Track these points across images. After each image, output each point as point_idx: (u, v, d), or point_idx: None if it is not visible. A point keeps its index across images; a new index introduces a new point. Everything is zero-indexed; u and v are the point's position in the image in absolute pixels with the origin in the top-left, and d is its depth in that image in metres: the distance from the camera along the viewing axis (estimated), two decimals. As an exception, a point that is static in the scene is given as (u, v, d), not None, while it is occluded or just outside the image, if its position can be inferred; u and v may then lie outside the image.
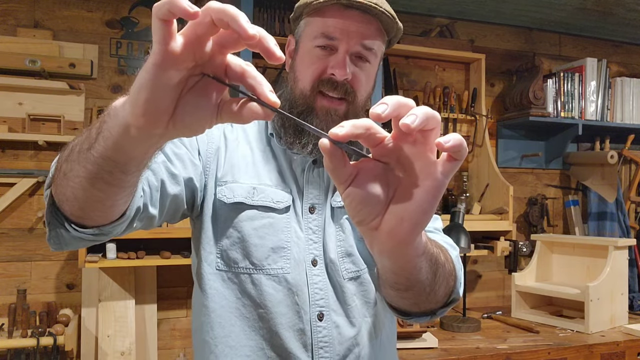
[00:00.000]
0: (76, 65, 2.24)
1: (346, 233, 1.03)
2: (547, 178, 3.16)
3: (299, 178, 1.04)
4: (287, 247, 1.00)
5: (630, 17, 2.93)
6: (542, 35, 3.17)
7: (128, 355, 2.12)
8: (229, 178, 1.01)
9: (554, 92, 2.92)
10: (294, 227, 1.01)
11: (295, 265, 1.00)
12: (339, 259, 1.02)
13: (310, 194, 1.04)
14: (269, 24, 2.36)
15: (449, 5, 2.77)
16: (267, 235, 0.99)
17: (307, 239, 1.02)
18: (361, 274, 1.04)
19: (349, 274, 1.03)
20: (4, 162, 2.21)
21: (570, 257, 2.62)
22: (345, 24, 0.94)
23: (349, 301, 1.02)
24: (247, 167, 1.03)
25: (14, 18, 2.24)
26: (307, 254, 1.01)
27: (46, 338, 1.95)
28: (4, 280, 2.20)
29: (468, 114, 2.82)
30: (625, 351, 2.20)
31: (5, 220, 2.21)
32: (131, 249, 2.07)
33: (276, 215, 1.00)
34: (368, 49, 0.96)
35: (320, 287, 1.01)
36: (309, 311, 1.00)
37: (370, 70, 0.99)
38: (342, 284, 1.02)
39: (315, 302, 1.00)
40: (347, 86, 0.95)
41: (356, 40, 0.95)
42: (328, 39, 0.95)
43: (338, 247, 1.02)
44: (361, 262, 1.03)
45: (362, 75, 0.97)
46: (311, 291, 1.00)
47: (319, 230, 1.03)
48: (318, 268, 1.02)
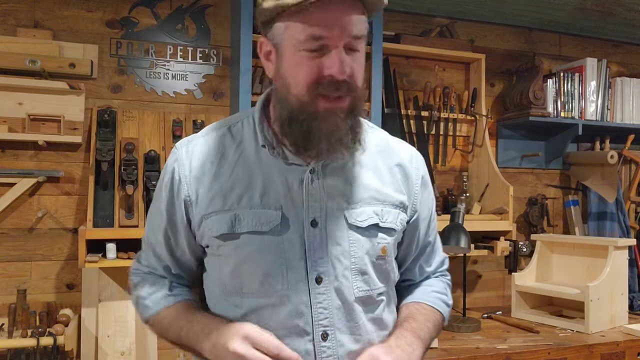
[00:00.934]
0: (76, 65, 2.24)
1: (361, 252, 0.99)
2: (547, 178, 3.16)
3: (296, 191, 0.97)
4: (281, 270, 0.95)
5: (630, 17, 2.93)
6: (542, 35, 3.17)
7: (128, 355, 2.12)
8: (210, 210, 0.98)
9: (554, 92, 2.92)
10: (286, 246, 0.95)
11: (294, 286, 0.95)
12: (352, 277, 0.98)
13: (312, 207, 0.97)
14: (269, 24, 2.36)
15: (449, 5, 2.77)
16: (258, 260, 0.95)
17: (306, 258, 0.96)
18: (372, 294, 1.01)
19: (359, 292, 0.99)
20: (4, 162, 2.21)
21: (570, 257, 2.62)
22: (331, 19, 0.87)
23: (356, 319, 0.99)
24: (229, 192, 0.97)
25: (14, 18, 2.24)
26: (311, 272, 0.96)
27: (46, 338, 1.95)
28: (4, 280, 2.20)
29: (468, 114, 2.82)
30: (625, 351, 2.20)
31: (5, 220, 2.21)
32: (131, 248, 2.07)
33: (265, 237, 0.95)
34: (357, 37, 0.90)
35: (325, 306, 0.96)
36: (312, 332, 0.96)
37: (360, 57, 0.93)
38: (351, 302, 0.98)
39: (318, 322, 0.96)
40: (350, 82, 0.90)
41: (346, 33, 0.88)
42: (316, 40, 0.88)
43: (352, 265, 0.98)
44: (375, 281, 1.01)
45: (355, 65, 0.91)
46: (314, 311, 0.96)
47: (323, 245, 0.97)
48: (323, 286, 0.96)
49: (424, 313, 1.11)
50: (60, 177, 2.27)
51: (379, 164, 1.05)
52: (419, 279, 1.19)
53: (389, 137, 1.12)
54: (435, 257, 1.20)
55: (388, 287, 1.07)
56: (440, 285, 1.19)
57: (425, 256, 1.18)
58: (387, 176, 1.05)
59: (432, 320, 1.11)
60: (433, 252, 1.20)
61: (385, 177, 1.04)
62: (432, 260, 1.20)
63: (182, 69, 2.47)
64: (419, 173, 1.11)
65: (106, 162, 2.09)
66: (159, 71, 2.44)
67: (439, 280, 1.20)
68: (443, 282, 1.20)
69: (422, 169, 1.12)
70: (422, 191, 1.11)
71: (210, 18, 2.52)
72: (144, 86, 2.42)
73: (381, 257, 1.01)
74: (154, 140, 2.28)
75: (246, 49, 2.27)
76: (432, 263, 1.20)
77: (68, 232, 2.29)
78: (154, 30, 2.43)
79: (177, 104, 2.46)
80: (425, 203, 1.12)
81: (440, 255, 1.22)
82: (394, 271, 1.08)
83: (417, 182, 1.10)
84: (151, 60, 2.43)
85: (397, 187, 1.05)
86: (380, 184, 1.03)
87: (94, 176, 2.12)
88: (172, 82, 2.46)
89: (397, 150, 1.09)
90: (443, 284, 1.20)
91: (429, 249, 1.18)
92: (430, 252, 1.19)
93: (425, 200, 1.12)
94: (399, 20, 2.83)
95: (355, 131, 0.94)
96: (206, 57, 2.51)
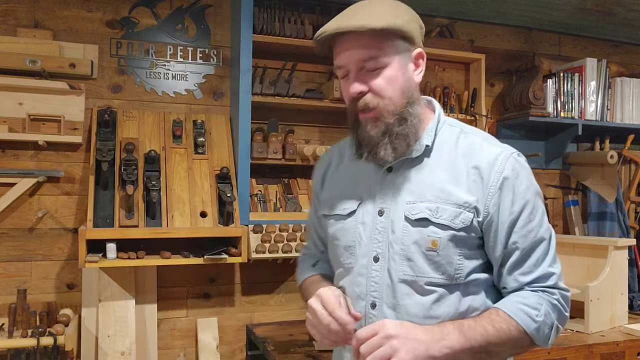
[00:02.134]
0: (76, 65, 2.24)
1: (410, 241, 1.14)
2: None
3: (372, 186, 1.20)
4: (353, 245, 1.21)
5: (630, 17, 2.93)
6: (542, 35, 3.17)
7: (128, 355, 2.12)
8: (323, 197, 1.32)
9: (554, 92, 2.92)
10: (359, 228, 1.20)
11: (359, 261, 1.19)
12: (400, 261, 1.14)
13: (380, 199, 1.18)
14: (269, 24, 2.36)
15: (449, 5, 2.77)
16: (341, 237, 1.23)
17: (371, 238, 1.18)
18: (417, 280, 1.13)
19: (404, 275, 1.14)
20: (4, 162, 2.21)
21: (570, 257, 2.62)
22: (342, 50, 1.11)
23: (398, 298, 1.14)
24: (333, 185, 1.30)
25: (14, 18, 2.24)
26: (371, 251, 1.17)
27: (46, 338, 1.95)
28: (4, 280, 2.20)
29: (468, 114, 2.82)
30: (625, 351, 2.20)
31: (6, 220, 2.21)
32: (131, 249, 2.07)
33: (344, 220, 1.23)
34: (372, 59, 1.09)
35: (376, 280, 1.17)
36: (365, 299, 1.18)
37: (388, 71, 1.11)
38: (396, 282, 1.15)
39: (370, 293, 1.17)
40: (366, 98, 1.11)
41: (356, 61, 1.10)
42: (340, 68, 1.14)
43: (401, 251, 1.14)
44: (419, 270, 1.13)
45: (380, 80, 1.11)
46: (368, 283, 1.17)
47: (385, 231, 1.16)
48: (379, 264, 1.16)
49: (492, 318, 1.10)
50: (60, 177, 2.27)
51: (459, 165, 1.15)
52: (512, 287, 1.16)
53: (480, 140, 1.18)
54: (532, 268, 1.14)
55: (447, 280, 1.13)
56: (533, 299, 1.12)
57: (513, 263, 1.14)
58: (464, 177, 1.14)
59: (498, 326, 1.08)
60: (525, 260, 1.14)
61: (461, 178, 1.14)
62: (525, 270, 1.14)
63: (182, 69, 2.47)
64: (500, 175, 1.13)
65: (106, 162, 2.09)
66: (159, 71, 2.44)
67: (535, 295, 1.13)
68: (539, 297, 1.12)
69: (507, 172, 1.13)
70: (500, 193, 1.12)
71: (211, 18, 2.52)
72: (144, 86, 2.42)
73: (431, 249, 1.13)
74: (154, 140, 2.28)
75: (246, 49, 2.28)
76: (529, 274, 1.14)
77: (68, 232, 2.29)
78: (154, 31, 2.43)
79: (177, 104, 2.46)
80: (504, 206, 1.12)
81: (543, 269, 1.14)
82: (452, 266, 1.13)
83: (494, 184, 1.13)
84: (151, 61, 2.43)
85: (469, 188, 1.14)
86: (450, 183, 1.14)
87: (94, 176, 2.12)
88: (172, 82, 2.46)
89: (481, 152, 1.16)
90: (538, 299, 1.12)
91: (516, 255, 1.13)
92: (519, 260, 1.14)
93: (504, 202, 1.12)
94: (399, 21, 2.82)
95: (394, 135, 1.13)
96: (206, 57, 2.51)
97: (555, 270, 1.15)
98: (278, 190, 2.49)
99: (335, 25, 1.08)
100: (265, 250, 2.24)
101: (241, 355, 2.52)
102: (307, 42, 2.39)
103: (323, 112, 2.61)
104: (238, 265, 2.53)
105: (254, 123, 2.34)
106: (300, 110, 2.57)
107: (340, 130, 2.66)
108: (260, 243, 2.25)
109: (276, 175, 2.54)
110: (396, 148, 1.13)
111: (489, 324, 1.08)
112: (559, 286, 1.15)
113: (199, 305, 2.46)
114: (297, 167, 2.53)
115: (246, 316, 2.54)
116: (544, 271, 1.14)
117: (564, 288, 1.16)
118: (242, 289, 2.54)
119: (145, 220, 2.09)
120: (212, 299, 2.49)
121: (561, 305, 1.14)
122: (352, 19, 1.08)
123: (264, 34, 2.34)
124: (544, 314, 1.11)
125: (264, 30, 2.35)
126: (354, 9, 1.11)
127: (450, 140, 1.18)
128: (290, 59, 2.41)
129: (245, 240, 2.16)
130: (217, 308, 2.49)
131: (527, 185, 1.14)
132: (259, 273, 2.56)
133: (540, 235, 1.14)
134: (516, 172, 1.13)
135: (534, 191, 1.16)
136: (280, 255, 2.27)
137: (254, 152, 2.31)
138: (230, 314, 2.51)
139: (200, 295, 2.47)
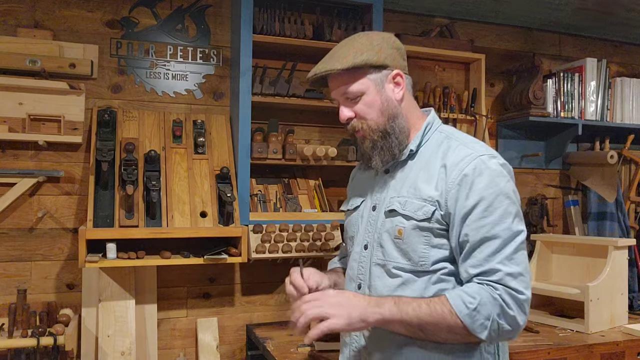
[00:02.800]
0: (76, 65, 2.24)
1: (383, 230, 1.33)
2: (547, 178, 3.16)
3: (373, 186, 1.43)
4: (353, 235, 1.45)
5: (630, 17, 2.93)
6: (542, 35, 3.17)
7: (128, 355, 2.12)
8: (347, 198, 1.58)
9: (554, 92, 2.92)
10: (359, 221, 1.44)
11: (354, 248, 1.42)
12: (377, 247, 1.34)
13: (375, 197, 1.40)
14: (269, 24, 2.36)
15: (448, 5, 2.77)
16: (349, 228, 1.49)
17: (365, 230, 1.39)
18: (387, 264, 1.31)
19: (377, 260, 1.34)
20: (4, 162, 2.21)
21: (570, 257, 2.62)
22: (331, 87, 1.37)
23: (374, 281, 1.34)
24: (352, 187, 1.58)
25: (14, 18, 2.24)
26: (363, 240, 1.39)
27: (46, 338, 1.95)
28: (5, 280, 2.21)
29: (468, 114, 2.82)
30: (625, 351, 2.20)
31: (6, 220, 2.21)
32: (131, 249, 2.07)
33: (351, 214, 1.49)
34: (351, 91, 1.32)
35: (362, 265, 1.38)
36: (355, 281, 1.39)
37: (368, 97, 1.32)
38: (372, 266, 1.35)
39: (357, 276, 1.39)
40: (353, 123, 1.36)
41: (338, 93, 1.36)
42: (334, 100, 1.39)
43: (378, 238, 1.34)
44: (389, 255, 1.31)
45: (360, 106, 1.33)
46: (357, 267, 1.39)
47: (374, 223, 1.37)
48: (368, 251, 1.37)
49: (432, 300, 1.20)
50: (60, 177, 2.27)
51: (434, 165, 1.30)
52: (464, 278, 1.23)
53: (457, 144, 1.31)
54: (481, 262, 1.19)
55: (412, 266, 1.27)
56: (473, 289, 1.17)
57: (464, 255, 1.22)
58: (435, 175, 1.28)
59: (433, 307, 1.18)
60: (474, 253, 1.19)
61: (432, 176, 1.29)
62: (475, 262, 1.19)
63: (182, 69, 2.47)
64: (461, 172, 1.23)
65: (106, 162, 2.09)
66: (159, 71, 2.44)
67: (477, 286, 1.18)
68: (480, 288, 1.17)
69: (468, 170, 1.23)
70: (459, 189, 1.23)
71: (211, 18, 2.52)
72: (144, 86, 2.42)
73: (398, 237, 1.30)
74: (154, 140, 2.28)
75: (246, 49, 2.28)
76: (477, 266, 1.19)
77: (68, 232, 2.29)
78: (154, 31, 2.43)
79: (177, 104, 2.47)
80: (460, 200, 1.22)
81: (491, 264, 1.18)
82: (417, 253, 1.27)
83: (454, 180, 1.24)
84: (151, 61, 2.43)
85: (436, 184, 1.27)
86: (423, 181, 1.30)
87: (94, 176, 2.12)
88: (172, 82, 2.46)
89: (453, 153, 1.28)
90: (478, 289, 1.17)
91: (467, 248, 1.21)
92: (469, 252, 1.21)
93: (460, 197, 1.22)
94: (399, 21, 2.83)
95: (379, 148, 1.34)
96: (206, 57, 2.51)
97: (505, 269, 1.18)
98: (278, 190, 2.49)
99: (314, 71, 1.34)
100: (265, 250, 2.24)
101: (241, 355, 2.52)
102: (307, 42, 2.39)
103: (323, 112, 2.61)
104: (238, 265, 2.53)
105: (254, 123, 2.34)
106: (300, 110, 2.57)
107: (340, 130, 2.66)
108: (260, 243, 2.25)
109: (276, 175, 2.54)
110: (383, 158, 1.35)
111: (425, 303, 1.20)
112: (506, 284, 1.17)
113: (199, 305, 2.46)
114: (297, 167, 2.53)
115: (246, 316, 2.54)
116: (491, 267, 1.18)
117: (515, 288, 1.17)
118: (242, 289, 2.55)
119: (145, 220, 2.09)
120: (212, 299, 2.49)
121: (504, 302, 1.16)
122: (328, 62, 1.32)
123: (264, 34, 2.34)
124: (479, 303, 1.15)
125: (264, 30, 2.35)
126: (335, 50, 1.35)
127: (434, 145, 1.34)
128: (290, 59, 2.41)
129: (245, 240, 2.16)
130: (217, 308, 2.49)
131: (486, 184, 1.21)
132: (259, 273, 2.56)
133: (493, 232, 1.19)
134: (478, 171, 1.22)
135: (496, 191, 1.21)
136: (280, 255, 2.27)
137: (254, 152, 2.31)
138: (230, 314, 2.51)
139: (200, 295, 2.47)
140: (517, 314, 1.17)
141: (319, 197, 2.52)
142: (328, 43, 2.39)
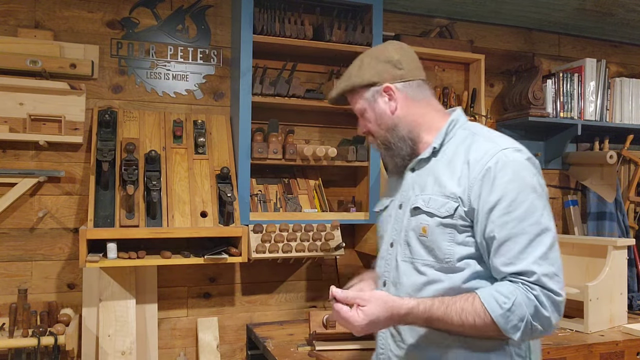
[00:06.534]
0: (77, 65, 2.25)
1: (409, 228, 1.33)
2: (546, 178, 3.13)
3: (400, 185, 1.43)
4: (382, 235, 1.48)
5: (630, 17, 2.94)
6: (542, 35, 3.18)
7: (129, 355, 2.12)
8: None
9: (553, 93, 2.92)
10: (387, 220, 1.45)
11: (382, 246, 1.45)
12: (402, 244, 1.34)
13: (400, 195, 1.42)
14: (269, 24, 2.36)
15: (448, 5, 2.78)
16: (379, 228, 1.52)
17: (392, 228, 1.41)
18: (414, 261, 1.31)
19: (404, 257, 1.33)
20: (5, 162, 2.22)
21: (570, 257, 2.63)
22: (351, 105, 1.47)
23: (401, 278, 1.33)
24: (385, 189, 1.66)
25: (14, 18, 2.25)
26: (390, 238, 1.41)
27: (47, 338, 1.96)
28: (5, 280, 2.21)
29: (468, 115, 2.82)
30: (624, 351, 2.20)
31: (6, 220, 2.22)
32: (132, 248, 2.08)
33: (381, 214, 1.52)
34: (355, 110, 1.45)
35: (388, 262, 1.39)
36: (381, 278, 1.41)
37: (367, 114, 1.41)
38: (399, 263, 1.34)
39: (383, 273, 1.41)
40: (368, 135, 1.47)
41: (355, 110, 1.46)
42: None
43: (405, 236, 1.34)
44: (417, 252, 1.30)
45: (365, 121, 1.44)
46: (383, 265, 1.41)
47: (400, 221, 1.37)
48: (393, 249, 1.38)
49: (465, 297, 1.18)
50: (61, 177, 2.28)
51: (458, 161, 1.28)
52: (498, 276, 1.20)
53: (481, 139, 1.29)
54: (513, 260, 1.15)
55: (437, 262, 1.26)
56: (508, 288, 1.14)
57: (493, 252, 1.18)
58: (458, 171, 1.27)
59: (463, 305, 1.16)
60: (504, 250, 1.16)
61: (456, 172, 1.27)
62: (506, 261, 1.16)
63: (183, 69, 2.48)
64: (483, 167, 1.20)
65: (107, 162, 2.09)
66: (159, 71, 2.44)
67: (512, 285, 1.15)
68: (515, 288, 1.14)
69: (490, 164, 1.20)
70: (481, 184, 1.20)
71: (211, 18, 2.53)
72: (145, 86, 2.43)
73: (422, 234, 1.29)
74: (154, 140, 2.28)
75: (246, 49, 2.28)
76: (510, 265, 1.15)
77: (69, 231, 2.30)
78: (155, 31, 2.43)
79: (177, 104, 2.47)
80: (483, 195, 1.19)
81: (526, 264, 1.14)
82: (442, 250, 1.25)
83: (477, 175, 1.21)
84: (152, 61, 2.43)
85: (459, 180, 1.25)
86: (447, 177, 1.28)
87: (94, 176, 2.12)
88: (172, 82, 2.47)
89: (476, 149, 1.26)
90: (513, 289, 1.13)
91: (494, 245, 1.17)
92: (497, 249, 1.17)
93: (483, 192, 1.19)
94: (398, 21, 2.83)
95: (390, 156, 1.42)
96: (206, 58, 2.52)
97: (541, 269, 1.14)
98: (278, 190, 2.50)
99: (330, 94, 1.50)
100: (265, 250, 2.25)
101: (241, 355, 2.53)
102: (307, 43, 2.40)
103: (323, 112, 2.61)
104: (238, 265, 2.54)
105: (254, 123, 2.34)
106: (300, 110, 2.58)
107: (340, 130, 2.67)
108: (261, 243, 2.25)
109: (276, 175, 2.55)
110: (394, 161, 1.42)
111: (455, 304, 1.17)
112: (543, 285, 1.14)
113: (200, 304, 2.47)
114: (297, 167, 2.54)
115: (246, 316, 2.55)
116: (526, 267, 1.14)
117: (551, 289, 1.14)
118: (242, 288, 2.55)
119: (146, 220, 2.09)
120: (213, 299, 2.49)
121: (540, 302, 1.13)
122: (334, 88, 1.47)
123: (264, 35, 2.35)
124: (513, 304, 1.12)
125: (264, 30, 2.35)
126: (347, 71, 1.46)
127: (458, 141, 1.32)
128: (290, 59, 2.42)
129: (246, 240, 2.17)
130: (217, 308, 2.50)
131: (510, 178, 1.17)
132: (259, 273, 2.57)
133: (520, 228, 1.15)
134: (501, 165, 1.18)
135: (520, 185, 1.17)
136: (281, 255, 2.27)
137: (254, 152, 2.31)
138: (231, 314, 2.52)
139: (201, 295, 2.48)
140: (551, 315, 1.15)
141: (319, 197, 2.53)
142: (328, 43, 2.40)
